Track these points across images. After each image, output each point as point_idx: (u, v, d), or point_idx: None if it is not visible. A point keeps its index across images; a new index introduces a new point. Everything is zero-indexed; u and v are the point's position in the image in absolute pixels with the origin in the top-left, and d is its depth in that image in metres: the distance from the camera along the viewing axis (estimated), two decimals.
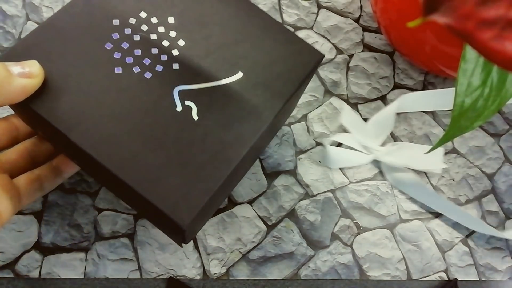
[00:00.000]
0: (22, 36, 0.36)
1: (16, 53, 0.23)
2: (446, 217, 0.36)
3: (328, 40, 0.39)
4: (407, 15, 0.31)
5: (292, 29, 0.39)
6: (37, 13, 0.36)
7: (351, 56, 0.39)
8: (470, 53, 0.21)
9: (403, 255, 0.34)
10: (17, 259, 0.31)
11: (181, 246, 0.28)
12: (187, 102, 0.24)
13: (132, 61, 0.24)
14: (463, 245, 0.35)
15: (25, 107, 0.23)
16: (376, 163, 0.36)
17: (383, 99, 0.38)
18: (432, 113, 0.38)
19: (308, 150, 0.36)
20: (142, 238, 0.32)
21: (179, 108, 0.24)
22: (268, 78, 0.25)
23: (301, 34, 0.39)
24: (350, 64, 0.38)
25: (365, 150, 0.36)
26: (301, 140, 0.36)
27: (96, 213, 0.32)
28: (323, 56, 0.27)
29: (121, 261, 0.32)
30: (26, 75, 0.22)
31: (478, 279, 0.35)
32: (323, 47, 0.39)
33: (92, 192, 0.33)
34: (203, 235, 0.33)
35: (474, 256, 0.35)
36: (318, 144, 0.36)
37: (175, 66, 0.25)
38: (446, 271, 0.35)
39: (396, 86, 0.39)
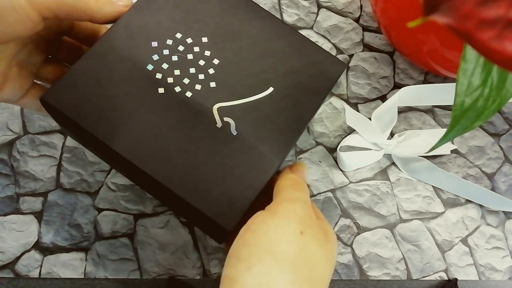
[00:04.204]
0: None
1: (69, 82, 0.24)
2: (446, 217, 0.36)
3: (328, 40, 0.39)
4: (407, 15, 0.31)
5: None
6: None
7: (351, 56, 0.39)
8: (470, 53, 0.21)
9: (403, 255, 0.34)
10: (17, 259, 0.31)
11: (220, 244, 0.29)
12: (226, 119, 0.26)
13: (172, 81, 0.26)
14: (463, 245, 0.35)
15: (80, 130, 0.24)
16: (388, 156, 0.36)
17: (383, 99, 0.38)
18: (432, 113, 0.38)
19: (308, 150, 0.36)
20: (142, 238, 0.32)
21: (219, 124, 0.25)
22: (296, 90, 0.27)
23: None
24: (350, 64, 0.38)
25: (375, 146, 0.36)
26: (301, 140, 0.36)
27: (96, 213, 0.32)
28: (346, 65, 0.28)
29: (121, 261, 0.32)
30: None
31: (478, 279, 0.35)
32: (323, 46, 0.39)
33: (92, 192, 0.33)
34: (203, 235, 0.33)
35: (474, 256, 0.35)
36: (318, 144, 0.36)
37: (212, 84, 0.26)
38: (446, 271, 0.35)
39: (396, 86, 0.39)
